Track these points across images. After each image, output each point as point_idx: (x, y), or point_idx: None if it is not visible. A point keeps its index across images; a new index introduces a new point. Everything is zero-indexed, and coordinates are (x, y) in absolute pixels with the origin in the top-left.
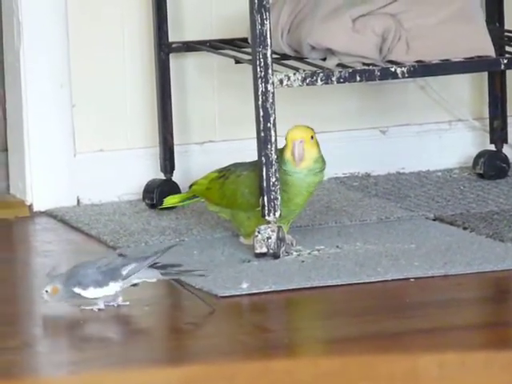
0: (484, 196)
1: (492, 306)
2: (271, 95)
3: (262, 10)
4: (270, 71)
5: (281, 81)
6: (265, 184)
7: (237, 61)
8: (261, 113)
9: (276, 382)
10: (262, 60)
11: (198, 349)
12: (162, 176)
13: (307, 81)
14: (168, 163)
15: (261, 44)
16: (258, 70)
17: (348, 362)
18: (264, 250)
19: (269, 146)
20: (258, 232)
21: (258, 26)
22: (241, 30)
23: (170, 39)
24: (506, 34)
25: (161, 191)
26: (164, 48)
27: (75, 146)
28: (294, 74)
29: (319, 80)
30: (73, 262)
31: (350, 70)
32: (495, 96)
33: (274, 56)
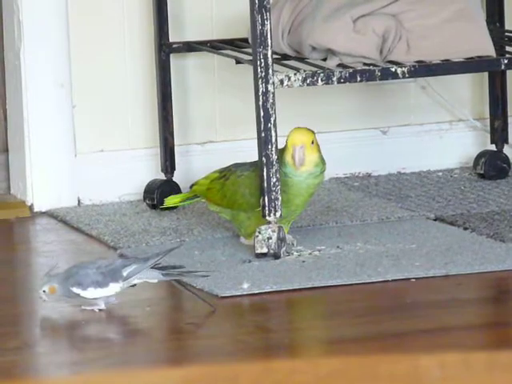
0: (485, 196)
1: (493, 306)
2: (272, 95)
3: (263, 11)
4: (271, 71)
5: (281, 81)
6: (265, 184)
7: (237, 61)
8: (261, 113)
9: (277, 383)
10: (263, 60)
11: (199, 349)
12: (163, 176)
13: (308, 81)
14: (169, 163)
15: (261, 44)
16: (259, 71)
17: (349, 362)
18: (265, 251)
19: (269, 147)
20: (259, 232)
21: (259, 27)
22: (241, 31)
23: (171, 39)
24: (507, 34)
25: (161, 191)
26: (165, 48)
27: (76, 147)
28: (295, 75)
29: (320, 80)
30: (73, 263)
31: (351, 71)
32: (496, 96)
33: (275, 56)
